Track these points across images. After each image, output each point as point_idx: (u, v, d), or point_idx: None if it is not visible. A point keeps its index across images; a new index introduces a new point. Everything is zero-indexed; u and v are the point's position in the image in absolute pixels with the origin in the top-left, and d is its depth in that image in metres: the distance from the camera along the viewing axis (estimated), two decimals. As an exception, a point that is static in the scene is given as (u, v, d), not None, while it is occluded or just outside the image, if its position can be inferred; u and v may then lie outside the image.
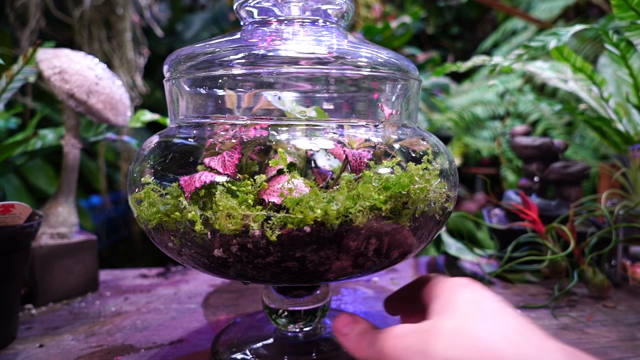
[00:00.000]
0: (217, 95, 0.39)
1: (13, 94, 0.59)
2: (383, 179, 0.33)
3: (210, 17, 2.08)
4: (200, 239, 0.34)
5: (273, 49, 0.38)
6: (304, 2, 0.42)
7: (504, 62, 0.74)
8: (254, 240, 0.32)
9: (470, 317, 0.26)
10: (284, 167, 0.34)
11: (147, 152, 0.40)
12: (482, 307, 0.27)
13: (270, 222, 0.32)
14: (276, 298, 0.44)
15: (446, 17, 2.22)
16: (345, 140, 0.36)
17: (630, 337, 0.50)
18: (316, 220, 0.32)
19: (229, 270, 0.36)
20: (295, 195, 0.32)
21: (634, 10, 0.59)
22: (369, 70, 0.38)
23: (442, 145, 0.42)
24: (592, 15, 1.62)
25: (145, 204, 0.36)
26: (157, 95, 1.80)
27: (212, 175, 0.33)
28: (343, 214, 0.32)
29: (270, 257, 0.33)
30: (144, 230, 0.39)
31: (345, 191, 0.33)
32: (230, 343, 0.47)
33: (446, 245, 0.75)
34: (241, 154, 0.35)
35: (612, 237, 0.62)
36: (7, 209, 0.45)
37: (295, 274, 0.35)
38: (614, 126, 0.72)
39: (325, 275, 0.36)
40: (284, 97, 0.38)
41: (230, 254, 0.33)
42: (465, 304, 0.28)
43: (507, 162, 1.38)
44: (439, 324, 0.27)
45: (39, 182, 1.19)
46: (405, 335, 0.27)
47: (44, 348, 0.48)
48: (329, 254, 0.34)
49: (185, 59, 0.40)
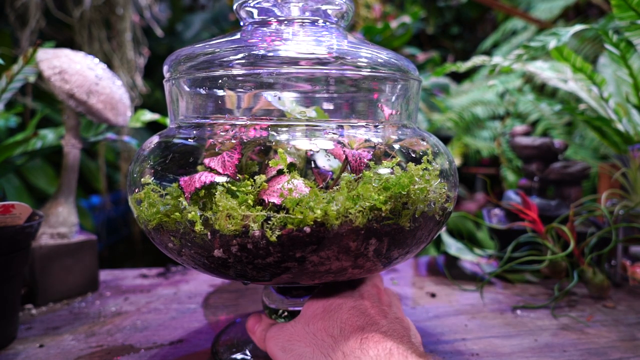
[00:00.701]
0: (217, 96, 0.39)
1: (13, 94, 0.59)
2: (383, 180, 0.33)
3: (210, 17, 2.08)
4: (200, 239, 0.34)
5: (273, 49, 0.38)
6: (304, 2, 0.42)
7: (504, 62, 0.74)
8: (254, 241, 0.32)
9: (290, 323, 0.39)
10: (284, 168, 0.34)
11: (147, 153, 0.40)
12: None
13: (270, 223, 0.32)
14: (276, 298, 0.45)
15: (446, 17, 2.22)
16: (345, 141, 0.36)
17: (630, 337, 0.50)
18: (316, 221, 0.32)
19: (229, 271, 0.36)
20: (295, 196, 0.32)
21: (634, 10, 0.59)
22: (368, 70, 0.38)
23: (442, 146, 0.42)
24: (592, 15, 1.62)
25: (145, 204, 0.36)
26: (157, 95, 1.80)
27: (212, 175, 0.33)
28: (343, 214, 0.32)
29: (270, 258, 0.33)
30: (143, 231, 0.39)
31: (345, 191, 0.33)
32: (230, 343, 0.47)
33: (446, 245, 0.75)
34: (241, 154, 0.35)
35: (612, 237, 0.62)
36: (7, 209, 0.45)
37: (295, 274, 0.35)
38: (614, 126, 0.72)
39: (325, 276, 0.36)
40: (283, 98, 0.38)
41: (230, 254, 0.33)
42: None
43: (507, 162, 1.38)
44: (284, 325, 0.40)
45: (39, 182, 1.19)
46: (271, 330, 0.40)
47: (44, 348, 0.48)
48: (329, 254, 0.34)
49: (185, 59, 0.40)
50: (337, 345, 0.34)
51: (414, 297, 0.63)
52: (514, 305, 0.60)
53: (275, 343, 0.38)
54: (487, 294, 0.64)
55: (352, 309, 0.37)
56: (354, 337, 0.34)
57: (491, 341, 0.50)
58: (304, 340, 0.36)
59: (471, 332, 0.52)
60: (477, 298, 0.62)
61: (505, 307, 0.60)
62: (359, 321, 0.35)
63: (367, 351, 0.32)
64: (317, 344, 0.35)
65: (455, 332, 0.52)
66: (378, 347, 0.32)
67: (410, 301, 0.62)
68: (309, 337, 0.36)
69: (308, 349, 0.35)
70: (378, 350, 0.32)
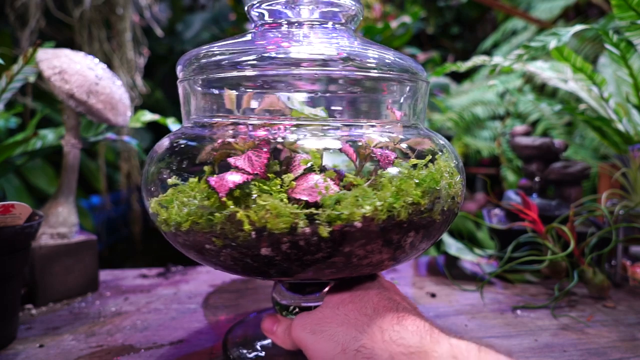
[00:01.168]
0: (229, 96, 0.40)
1: (13, 94, 0.59)
2: (422, 176, 0.36)
3: (210, 17, 2.08)
4: (245, 238, 0.34)
5: (285, 51, 0.38)
6: (314, 5, 0.42)
7: (504, 62, 0.74)
8: (305, 237, 0.33)
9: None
10: (316, 167, 0.35)
11: (162, 153, 0.40)
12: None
13: (319, 219, 0.33)
14: (287, 295, 0.45)
15: (446, 17, 2.21)
16: (362, 140, 0.37)
17: (630, 337, 0.50)
18: (365, 216, 0.33)
19: (271, 270, 0.36)
20: (331, 193, 0.33)
21: (634, 10, 0.59)
22: (380, 72, 0.39)
23: (449, 145, 0.43)
24: (592, 15, 1.62)
25: (175, 206, 0.36)
26: (157, 96, 1.80)
27: (244, 175, 0.33)
28: (388, 209, 0.34)
29: (319, 254, 0.34)
30: (166, 234, 0.38)
31: (390, 188, 0.35)
32: (239, 340, 0.48)
33: (446, 245, 0.75)
34: (269, 153, 0.35)
35: (612, 237, 0.62)
36: (7, 209, 0.45)
37: (339, 268, 0.37)
38: (614, 126, 0.72)
39: (365, 269, 0.38)
40: (296, 98, 0.39)
41: (279, 252, 0.34)
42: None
43: (507, 162, 1.38)
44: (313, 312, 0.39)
45: (39, 182, 1.19)
46: (298, 317, 0.39)
47: (44, 348, 0.48)
48: (374, 247, 0.35)
49: (198, 60, 0.40)
50: (372, 321, 0.34)
51: (414, 297, 0.63)
52: (514, 306, 0.60)
53: (303, 328, 0.37)
54: (487, 294, 0.64)
55: (379, 294, 0.38)
56: (389, 315, 0.34)
57: (491, 341, 0.50)
58: (334, 321, 0.36)
59: (471, 332, 0.52)
60: (477, 298, 0.62)
61: (505, 307, 0.60)
62: (389, 304, 0.36)
63: (406, 327, 0.33)
64: (350, 322, 0.35)
65: (455, 332, 0.51)
66: (416, 323, 0.33)
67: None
68: (341, 318, 0.36)
69: (340, 328, 0.35)
70: (417, 327, 0.33)
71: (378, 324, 0.34)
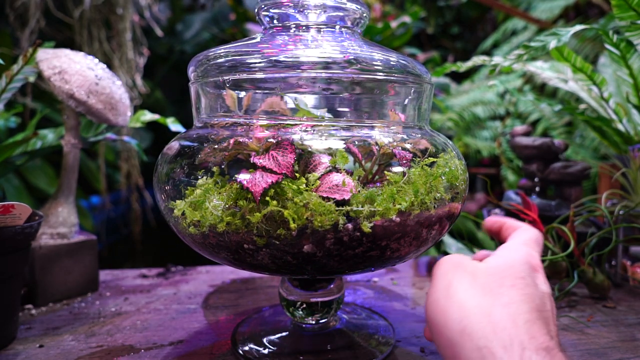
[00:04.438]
0: (242, 97, 0.40)
1: (13, 94, 0.59)
2: (448, 173, 0.39)
3: (210, 17, 2.08)
4: (286, 237, 0.34)
5: (294, 54, 0.39)
6: (322, 9, 0.43)
7: (504, 62, 0.74)
8: (349, 233, 0.34)
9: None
10: (341, 167, 0.36)
11: (174, 154, 0.41)
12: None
13: (359, 215, 0.35)
14: (295, 291, 0.46)
15: (446, 17, 2.22)
16: (375, 140, 0.39)
17: (630, 337, 0.50)
18: (401, 211, 0.36)
19: (308, 266, 0.37)
20: (356, 191, 0.35)
21: (634, 10, 0.59)
22: (386, 74, 0.41)
23: (452, 145, 0.44)
24: (592, 15, 1.62)
25: (209, 207, 0.36)
26: (157, 95, 1.80)
27: (273, 175, 0.34)
28: (419, 204, 0.37)
29: (360, 248, 0.36)
30: (192, 235, 0.38)
31: (420, 184, 0.36)
32: (247, 336, 0.49)
33: (446, 245, 0.75)
34: (295, 152, 0.35)
35: (612, 237, 0.62)
36: (7, 209, 0.45)
37: (373, 262, 0.38)
38: (614, 126, 0.72)
39: (394, 261, 0.40)
40: (306, 100, 0.40)
41: (322, 248, 0.35)
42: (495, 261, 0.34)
43: (507, 162, 1.38)
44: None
45: (39, 182, 1.19)
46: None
47: (44, 348, 0.47)
48: (407, 240, 0.38)
49: (209, 62, 0.41)
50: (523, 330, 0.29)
51: (414, 297, 0.63)
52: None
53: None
54: (487, 294, 0.64)
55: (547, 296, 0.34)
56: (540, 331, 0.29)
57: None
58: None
59: (471, 332, 0.52)
60: (477, 298, 0.62)
61: (506, 307, 0.59)
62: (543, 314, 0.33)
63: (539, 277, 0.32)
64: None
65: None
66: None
67: (410, 301, 0.62)
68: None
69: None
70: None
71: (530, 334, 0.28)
